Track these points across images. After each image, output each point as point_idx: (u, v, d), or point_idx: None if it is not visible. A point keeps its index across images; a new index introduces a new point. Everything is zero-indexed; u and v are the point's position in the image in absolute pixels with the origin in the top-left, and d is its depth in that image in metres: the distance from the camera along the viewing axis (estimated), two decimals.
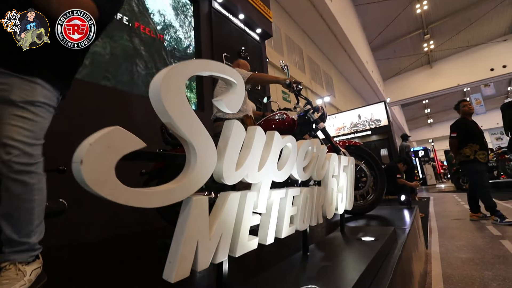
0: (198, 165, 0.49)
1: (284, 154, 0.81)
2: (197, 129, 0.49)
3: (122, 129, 0.38)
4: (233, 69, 0.58)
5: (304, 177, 0.89)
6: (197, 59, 0.58)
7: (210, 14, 4.33)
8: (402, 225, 1.65)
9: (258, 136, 0.66)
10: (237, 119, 2.09)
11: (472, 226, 3.19)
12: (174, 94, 0.44)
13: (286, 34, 11.57)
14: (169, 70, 0.44)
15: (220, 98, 0.56)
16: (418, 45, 20.34)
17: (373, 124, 7.37)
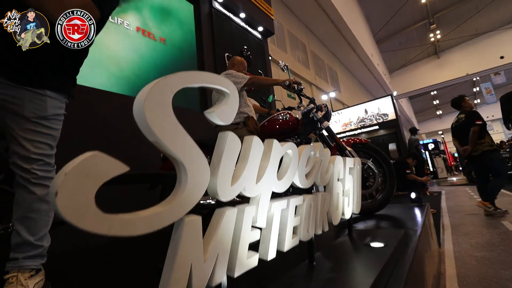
0: (189, 184, 0.46)
1: (284, 162, 0.78)
2: (187, 147, 0.46)
3: (101, 154, 0.35)
4: (226, 78, 0.55)
5: (307, 185, 0.86)
6: (184, 71, 0.57)
7: (211, 14, 4.30)
8: (413, 225, 1.60)
9: (255, 147, 0.62)
10: (239, 122, 2.08)
11: (487, 222, 3.10)
12: (160, 111, 0.42)
13: (289, 31, 11.46)
14: (153, 85, 0.41)
15: (212, 110, 0.53)
16: (424, 35, 19.93)
17: (380, 118, 7.24)
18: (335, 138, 2.28)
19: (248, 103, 2.39)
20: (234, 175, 0.57)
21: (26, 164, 0.95)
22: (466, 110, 3.72)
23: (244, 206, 0.60)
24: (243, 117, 2.26)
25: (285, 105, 2.70)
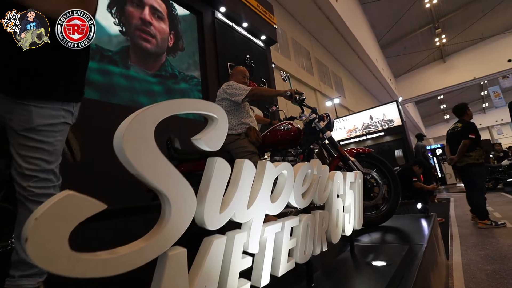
0: (173, 217, 0.45)
1: (279, 183, 0.76)
2: (170, 178, 0.45)
3: (75, 195, 0.34)
4: (213, 103, 0.54)
5: (303, 204, 0.83)
6: (168, 100, 0.56)
7: (214, 24, 4.35)
8: (418, 240, 1.55)
9: (246, 170, 0.61)
10: (241, 133, 2.07)
11: (497, 232, 3.01)
12: (140, 145, 0.40)
13: (293, 38, 11.52)
14: (133, 118, 0.40)
15: (199, 137, 0.52)
16: (429, 40, 19.83)
17: (385, 124, 7.17)
18: (338, 148, 2.25)
19: (250, 113, 2.39)
20: (223, 202, 0.56)
21: (22, 181, 0.94)
22: (464, 120, 3.75)
23: (234, 233, 0.58)
24: (245, 127, 2.25)
25: (287, 115, 2.69)
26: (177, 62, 3.61)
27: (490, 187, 7.69)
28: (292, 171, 0.78)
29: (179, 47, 3.71)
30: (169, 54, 3.51)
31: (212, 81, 4.01)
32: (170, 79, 3.43)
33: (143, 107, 0.42)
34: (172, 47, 3.59)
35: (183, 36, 3.82)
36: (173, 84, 3.44)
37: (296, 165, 0.84)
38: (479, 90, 24.93)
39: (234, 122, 2.24)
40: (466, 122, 3.69)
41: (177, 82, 3.51)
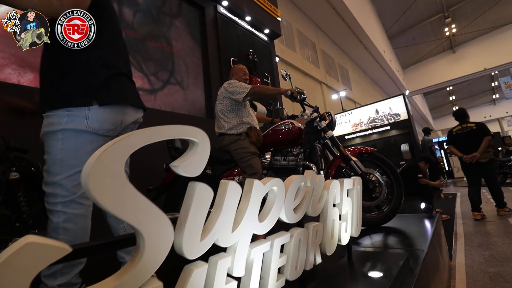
0: (147, 251, 0.43)
1: (268, 199, 0.74)
2: (143, 212, 0.43)
3: (35, 243, 0.33)
4: (193, 127, 0.51)
5: (295, 219, 0.81)
6: (141, 129, 0.53)
7: (216, 19, 4.28)
8: (419, 244, 1.53)
9: (231, 192, 0.59)
10: (242, 133, 2.04)
11: (502, 231, 2.95)
12: (108, 182, 0.39)
13: (298, 29, 11.33)
14: (100, 154, 0.38)
15: (178, 164, 0.50)
16: (439, 29, 19.27)
17: (392, 118, 7.05)
18: (339, 148, 2.21)
19: (250, 113, 2.36)
20: (205, 228, 0.54)
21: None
22: (474, 122, 3.95)
23: (218, 257, 0.57)
24: (245, 127, 2.23)
25: (288, 113, 2.65)
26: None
27: (498, 181, 7.55)
28: (283, 186, 0.75)
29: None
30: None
31: (215, 77, 3.98)
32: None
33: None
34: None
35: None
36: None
37: (288, 179, 0.82)
38: (490, 81, 24.28)
39: (235, 122, 2.22)
40: (479, 123, 3.90)
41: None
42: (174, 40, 3.59)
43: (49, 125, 0.96)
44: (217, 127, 2.29)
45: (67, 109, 0.95)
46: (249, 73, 4.55)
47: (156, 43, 3.33)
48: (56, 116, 0.95)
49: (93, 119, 0.96)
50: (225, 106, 2.24)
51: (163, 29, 3.47)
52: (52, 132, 0.95)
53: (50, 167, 0.95)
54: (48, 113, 0.97)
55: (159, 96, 3.18)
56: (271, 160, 2.25)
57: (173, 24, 3.64)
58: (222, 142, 2.21)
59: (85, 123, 0.95)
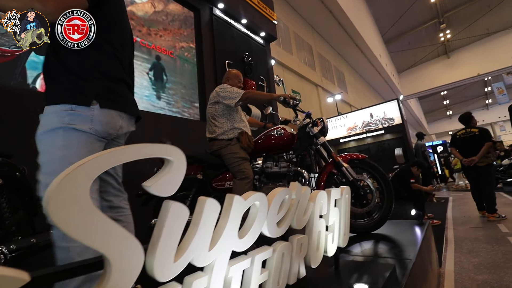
0: (114, 276, 0.41)
1: (250, 214, 0.72)
2: (110, 237, 0.41)
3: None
4: (166, 144, 0.50)
5: (279, 233, 0.80)
6: (111, 149, 0.52)
7: (212, 21, 4.27)
8: (407, 253, 1.52)
9: (208, 210, 0.58)
10: (233, 138, 2.03)
11: (492, 237, 2.98)
12: (70, 208, 0.37)
13: (295, 32, 11.37)
14: (62, 179, 0.37)
15: (150, 183, 0.48)
16: (433, 35, 19.51)
17: (386, 123, 7.10)
18: (331, 154, 2.21)
19: (243, 118, 2.35)
20: (180, 247, 0.53)
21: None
22: (477, 126, 4.12)
23: (192, 278, 0.55)
24: (237, 132, 2.22)
25: (281, 118, 2.64)
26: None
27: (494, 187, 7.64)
28: (266, 200, 0.74)
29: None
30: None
31: (209, 80, 3.96)
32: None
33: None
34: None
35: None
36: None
37: (272, 192, 0.81)
38: (483, 86, 24.63)
39: (227, 127, 2.21)
40: (482, 128, 4.08)
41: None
42: (169, 42, 3.56)
43: (49, 122, 0.91)
44: (208, 131, 2.27)
45: (69, 106, 0.91)
46: (244, 76, 4.57)
47: (150, 45, 3.30)
48: (57, 113, 0.91)
49: (97, 121, 0.94)
50: (216, 111, 2.23)
51: (158, 31, 3.45)
52: (52, 130, 0.90)
53: (47, 166, 0.88)
54: (48, 109, 0.92)
55: (152, 98, 3.15)
56: (262, 166, 2.24)
57: (167, 26, 3.62)
58: (213, 147, 2.20)
59: (89, 124, 0.93)
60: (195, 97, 3.79)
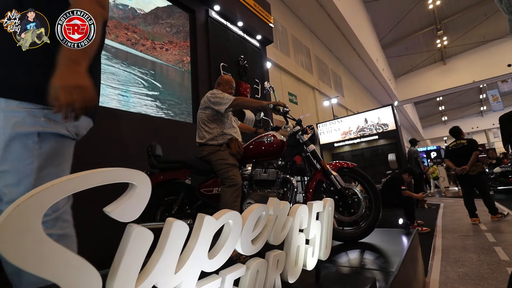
0: None
1: (223, 232, 0.72)
2: (64, 267, 0.41)
3: None
4: (130, 169, 0.50)
5: (253, 251, 0.80)
6: (69, 175, 0.50)
7: (207, 23, 4.26)
8: (390, 264, 1.53)
9: (175, 232, 0.57)
10: (223, 144, 2.02)
11: (479, 247, 3.01)
12: (21, 240, 0.37)
13: (293, 35, 11.40)
14: (11, 211, 0.36)
15: (111, 209, 0.48)
16: (430, 41, 19.71)
17: (380, 128, 7.14)
18: (320, 162, 2.22)
19: (233, 124, 2.35)
20: (143, 272, 0.52)
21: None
22: (466, 138, 4.47)
23: None
24: (226, 138, 2.22)
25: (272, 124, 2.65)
26: None
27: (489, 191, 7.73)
28: (240, 219, 0.74)
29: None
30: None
31: (203, 83, 3.95)
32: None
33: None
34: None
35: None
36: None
37: (248, 209, 0.81)
38: (478, 93, 24.92)
39: (216, 132, 2.21)
40: (470, 139, 4.42)
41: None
42: (163, 44, 3.55)
43: (18, 124, 0.80)
44: (198, 136, 2.27)
45: (42, 106, 0.83)
46: (239, 79, 4.57)
47: (144, 45, 3.29)
48: (29, 113, 0.82)
49: (73, 123, 0.89)
50: (207, 116, 2.23)
51: (152, 33, 3.44)
52: (24, 134, 0.81)
53: (20, 181, 0.80)
54: (14, 106, 0.81)
55: (146, 100, 3.14)
56: (251, 172, 2.24)
57: (162, 27, 3.61)
58: (202, 152, 2.19)
59: (66, 127, 0.88)
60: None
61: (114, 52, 2.96)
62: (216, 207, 2.12)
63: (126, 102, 2.95)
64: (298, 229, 1.04)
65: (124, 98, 2.93)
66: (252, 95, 4.77)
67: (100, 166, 0.50)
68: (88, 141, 2.50)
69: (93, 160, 2.52)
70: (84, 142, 2.59)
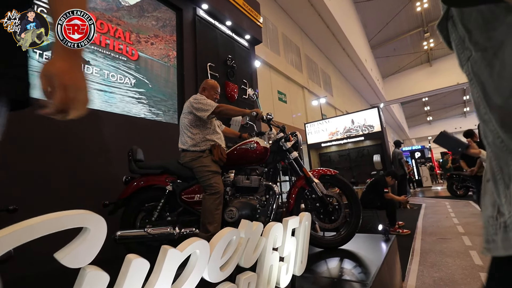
0: None
1: (190, 262, 0.71)
2: None
3: None
4: (81, 212, 0.48)
5: (221, 277, 0.80)
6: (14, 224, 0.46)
7: (194, 22, 4.19)
8: (366, 275, 1.56)
9: (135, 268, 0.56)
10: (205, 150, 2.00)
11: (456, 250, 3.11)
12: None
13: (283, 33, 11.38)
14: None
15: (63, 255, 0.46)
16: (418, 43, 20.10)
17: (366, 129, 7.25)
18: (302, 170, 2.23)
19: (217, 129, 2.33)
20: None
21: None
22: (476, 141, 4.43)
23: None
24: (209, 144, 2.20)
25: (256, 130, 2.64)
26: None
27: (461, 194, 7.99)
28: (208, 248, 0.73)
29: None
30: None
31: (189, 83, 3.89)
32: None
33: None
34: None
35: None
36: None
37: (217, 234, 0.80)
38: (462, 95, 25.67)
39: (199, 138, 2.18)
40: (480, 142, 4.59)
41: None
42: (148, 38, 3.47)
43: None
44: (180, 142, 2.24)
45: None
46: (227, 79, 4.53)
47: (129, 45, 3.20)
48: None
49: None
50: (189, 121, 2.20)
51: (137, 26, 3.35)
52: None
53: None
54: None
55: (130, 100, 3.07)
56: (234, 179, 2.23)
57: (148, 20, 3.53)
58: (184, 158, 2.16)
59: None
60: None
61: (98, 45, 2.88)
62: (197, 214, 2.11)
63: (109, 98, 2.88)
64: (272, 248, 1.04)
65: (108, 95, 2.86)
66: (239, 96, 4.74)
67: (79, 171, 0.45)
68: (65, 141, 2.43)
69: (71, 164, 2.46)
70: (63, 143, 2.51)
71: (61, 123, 2.40)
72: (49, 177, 2.33)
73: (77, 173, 2.49)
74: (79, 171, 2.51)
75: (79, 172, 2.50)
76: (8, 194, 2.05)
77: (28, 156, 2.22)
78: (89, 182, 2.55)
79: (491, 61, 0.35)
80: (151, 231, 2.01)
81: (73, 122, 2.67)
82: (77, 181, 2.48)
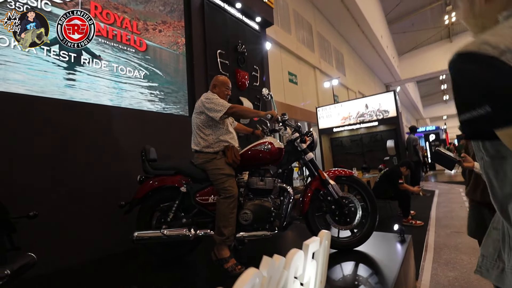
0: None
1: None
2: None
3: None
4: None
5: None
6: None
7: (203, 5, 4.00)
8: (384, 282, 1.55)
9: None
10: (219, 151, 1.96)
11: (471, 246, 3.06)
12: None
13: (294, 9, 10.86)
14: None
15: None
16: (438, 17, 18.89)
17: (380, 114, 7.02)
18: (318, 171, 2.18)
19: (230, 129, 2.26)
20: None
21: None
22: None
23: None
24: (223, 146, 2.15)
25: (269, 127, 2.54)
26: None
27: None
28: None
29: None
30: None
31: (199, 71, 3.79)
32: None
33: None
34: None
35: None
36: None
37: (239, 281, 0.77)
38: None
39: (212, 139, 2.13)
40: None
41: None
42: (156, 24, 3.35)
43: None
44: (193, 143, 2.20)
45: None
46: (237, 66, 4.39)
47: (136, 35, 3.09)
48: None
49: None
50: (201, 121, 2.14)
51: (144, 12, 3.22)
52: None
53: None
54: None
55: (140, 95, 3.01)
56: (248, 180, 2.20)
57: (155, 6, 3.38)
58: (198, 159, 2.13)
59: None
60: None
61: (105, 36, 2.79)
62: (212, 216, 2.11)
63: (121, 92, 2.83)
64: (293, 277, 1.02)
65: (119, 89, 2.81)
66: (250, 83, 4.62)
67: (95, 169, 0.42)
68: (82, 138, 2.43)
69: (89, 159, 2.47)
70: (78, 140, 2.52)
71: (73, 122, 2.39)
72: (64, 178, 2.36)
73: (94, 171, 2.52)
74: (96, 169, 2.53)
75: (95, 170, 2.53)
76: (25, 195, 2.09)
77: (43, 157, 2.24)
78: (103, 180, 2.58)
79: (497, 169, 0.48)
80: (167, 233, 2.04)
81: (85, 120, 2.64)
82: (93, 180, 2.51)
